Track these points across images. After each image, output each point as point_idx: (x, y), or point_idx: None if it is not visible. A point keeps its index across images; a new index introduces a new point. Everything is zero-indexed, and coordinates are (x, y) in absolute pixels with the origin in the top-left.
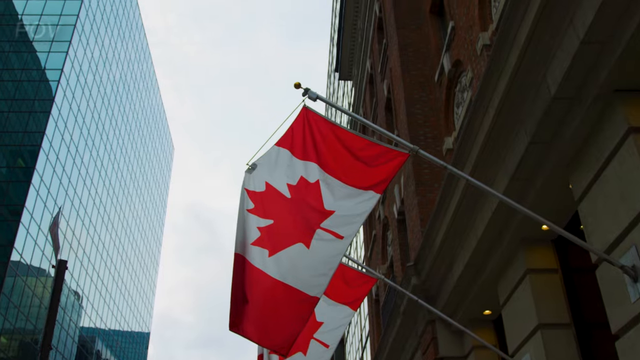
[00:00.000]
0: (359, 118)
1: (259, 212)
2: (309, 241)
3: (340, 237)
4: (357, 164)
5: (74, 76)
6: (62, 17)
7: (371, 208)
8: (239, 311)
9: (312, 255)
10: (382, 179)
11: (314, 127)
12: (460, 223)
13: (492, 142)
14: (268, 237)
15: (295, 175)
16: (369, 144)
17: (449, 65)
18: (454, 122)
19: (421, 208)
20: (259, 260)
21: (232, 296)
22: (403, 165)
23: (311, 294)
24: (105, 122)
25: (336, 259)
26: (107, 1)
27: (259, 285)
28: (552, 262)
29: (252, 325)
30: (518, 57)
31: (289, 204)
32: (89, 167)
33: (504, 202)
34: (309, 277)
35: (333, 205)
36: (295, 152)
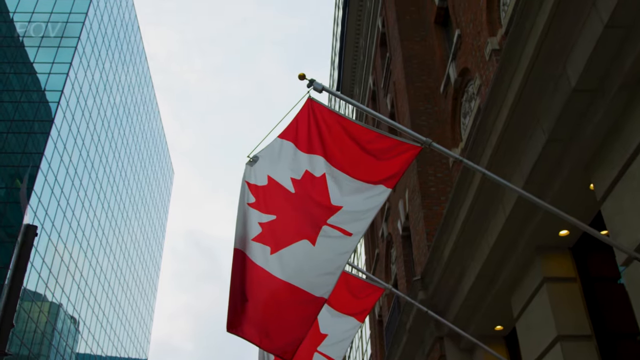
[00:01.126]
0: (369, 110)
1: (260, 206)
2: (315, 238)
3: (349, 233)
4: (366, 157)
5: (74, 98)
6: (63, 39)
7: (381, 203)
8: (238, 311)
9: (318, 252)
10: (393, 172)
11: (319, 118)
12: (470, 232)
13: (506, 143)
14: (270, 234)
15: (299, 170)
16: (379, 137)
17: (455, 74)
18: (460, 133)
19: (427, 221)
20: (261, 258)
21: (231, 295)
22: (409, 179)
23: (317, 294)
24: (105, 145)
25: (344, 257)
26: (108, 24)
27: (260, 284)
28: (570, 271)
29: (253, 326)
30: (535, 47)
31: (293, 199)
32: (87, 189)
33: (525, 198)
34: (315, 276)
35: (340, 200)
36: (300, 145)
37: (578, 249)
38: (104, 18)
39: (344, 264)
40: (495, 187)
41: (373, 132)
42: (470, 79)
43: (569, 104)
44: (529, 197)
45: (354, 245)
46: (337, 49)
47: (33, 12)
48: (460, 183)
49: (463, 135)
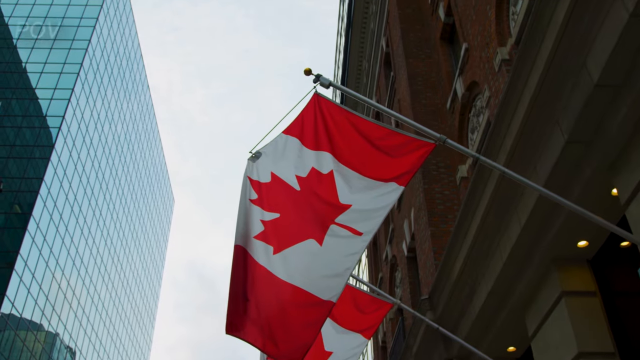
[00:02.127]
0: (377, 105)
1: (263, 204)
2: (322, 237)
3: (359, 233)
4: (377, 154)
5: (75, 124)
6: (65, 66)
7: (393, 201)
8: (239, 311)
9: (326, 253)
10: (406, 170)
11: (326, 114)
12: (482, 246)
13: (522, 146)
14: (273, 233)
15: (305, 167)
16: (390, 133)
17: (463, 89)
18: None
19: (434, 240)
20: (263, 257)
21: (231, 294)
22: (415, 197)
23: (324, 298)
24: (106, 172)
25: (353, 257)
26: (111, 52)
27: (263, 284)
28: (589, 284)
29: (255, 328)
30: (554, 41)
31: (298, 197)
32: (87, 216)
33: (546, 198)
34: (321, 278)
35: (349, 198)
36: (306, 141)
37: (597, 262)
38: (107, 46)
39: (353, 266)
40: (509, 197)
41: (384, 129)
42: (478, 93)
43: (590, 100)
44: (552, 196)
45: (364, 246)
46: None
47: (36, 39)
48: (471, 194)
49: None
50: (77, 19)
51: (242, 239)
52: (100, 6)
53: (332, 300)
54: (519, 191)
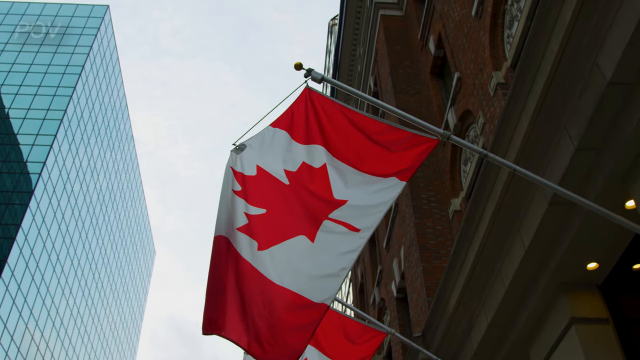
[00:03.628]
0: (376, 101)
1: (247, 197)
2: (314, 233)
3: (356, 229)
4: (375, 148)
5: (57, 171)
6: (49, 112)
7: (394, 197)
8: (219, 306)
9: (318, 250)
10: (407, 166)
11: (318, 108)
12: (481, 274)
13: (527, 156)
14: (259, 228)
15: (295, 162)
16: (389, 128)
17: (455, 119)
18: (460, 182)
19: (427, 276)
20: (247, 252)
21: (210, 288)
22: (405, 235)
23: (316, 301)
24: (86, 221)
25: (350, 256)
26: (96, 100)
27: (248, 280)
28: (601, 311)
29: (239, 325)
30: (562, 40)
31: (287, 191)
32: (64, 265)
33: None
34: (314, 278)
35: (345, 193)
36: (295, 135)
37: (608, 287)
38: (92, 94)
39: (350, 266)
40: (511, 217)
41: (382, 124)
42: (471, 122)
43: (602, 101)
44: (569, 195)
45: (362, 243)
46: None
47: (21, 85)
48: (470, 217)
49: (464, 184)
50: (63, 66)
51: (224, 229)
52: (87, 54)
53: (326, 303)
54: (522, 210)
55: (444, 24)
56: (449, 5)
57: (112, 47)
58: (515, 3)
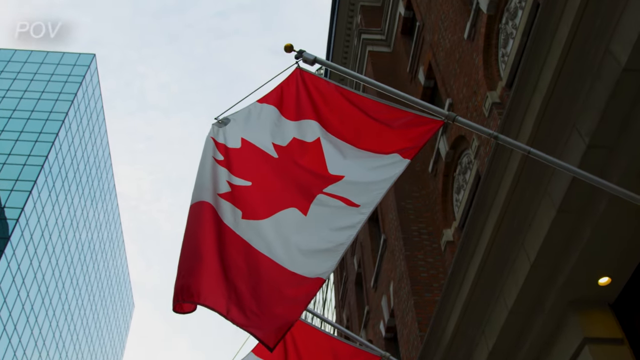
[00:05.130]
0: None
1: (231, 168)
2: (307, 206)
3: (355, 204)
4: (374, 125)
5: (35, 217)
6: (30, 158)
7: (397, 175)
8: (195, 272)
9: (312, 223)
10: (410, 145)
11: (310, 86)
12: (481, 297)
13: (532, 160)
14: (243, 199)
15: (285, 137)
16: (389, 108)
17: (447, 147)
18: (453, 212)
19: (418, 310)
20: (229, 219)
21: (183, 254)
22: (394, 269)
23: (310, 276)
24: (63, 270)
25: (349, 232)
26: (78, 147)
27: (232, 248)
28: (615, 331)
29: (217, 291)
30: (572, 26)
31: (276, 165)
32: (39, 316)
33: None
34: (306, 253)
35: (341, 169)
36: (286, 112)
37: (621, 306)
38: (75, 141)
39: (349, 243)
40: (514, 231)
41: (382, 104)
42: (465, 148)
43: (617, 90)
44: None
45: (362, 220)
46: None
47: (2, 130)
48: (469, 233)
49: (456, 213)
50: (46, 112)
51: (204, 194)
52: (71, 101)
53: (322, 277)
54: (527, 221)
55: (434, 53)
56: (439, 33)
57: (96, 95)
58: (510, 21)
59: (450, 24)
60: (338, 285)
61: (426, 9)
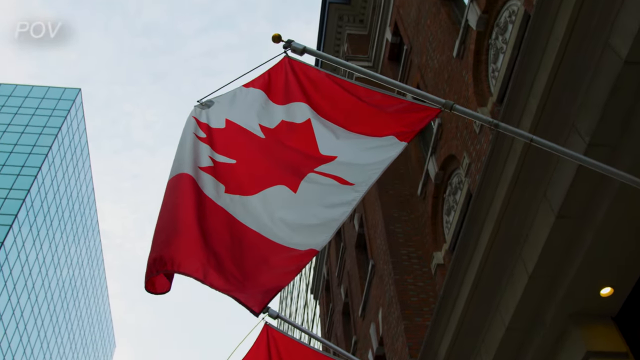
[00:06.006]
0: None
1: (214, 145)
2: (297, 183)
3: (348, 183)
4: (368, 109)
5: (15, 251)
6: (11, 191)
7: (393, 157)
8: (169, 240)
9: (302, 201)
10: (406, 129)
11: (300, 74)
12: (476, 313)
13: (529, 164)
14: (227, 175)
15: (272, 119)
16: (384, 95)
17: (436, 168)
18: (443, 234)
19: (409, 334)
20: (211, 191)
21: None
22: (383, 295)
23: (301, 249)
24: (43, 307)
25: (343, 209)
26: (62, 181)
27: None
28: (619, 344)
29: (194, 258)
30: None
31: (262, 144)
32: (16, 353)
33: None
34: (295, 228)
35: (333, 149)
36: (274, 96)
37: (624, 318)
38: (58, 175)
39: (342, 220)
40: (512, 241)
41: (376, 92)
42: (455, 168)
43: (617, 85)
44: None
45: (357, 198)
46: None
47: None
48: (463, 246)
49: (447, 235)
50: (30, 146)
51: (185, 166)
52: (55, 135)
53: (315, 249)
54: (524, 231)
55: (422, 75)
56: (427, 54)
57: (81, 130)
58: (500, 35)
59: (439, 44)
60: (324, 317)
61: (414, 32)
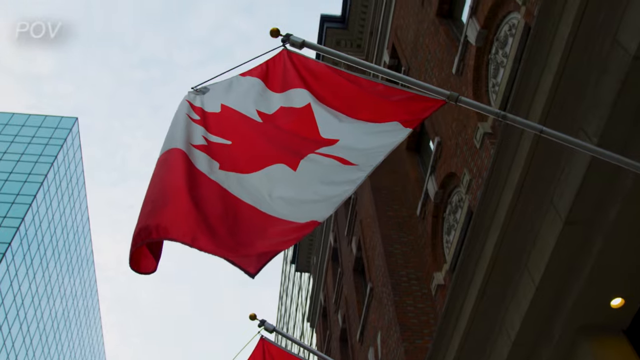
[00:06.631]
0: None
1: (208, 127)
2: (297, 162)
3: (350, 163)
4: (371, 97)
5: (7, 281)
6: (5, 219)
7: (398, 142)
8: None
9: (302, 178)
10: (411, 117)
11: (299, 65)
12: (480, 330)
13: (535, 169)
14: (221, 155)
15: (270, 106)
16: (387, 87)
17: (436, 187)
18: (443, 254)
19: (409, 356)
20: (205, 166)
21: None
22: (382, 318)
23: (302, 221)
24: (34, 337)
25: (346, 187)
26: (57, 210)
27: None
28: (630, 359)
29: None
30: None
31: (260, 128)
32: None
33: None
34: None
35: (335, 132)
36: (272, 85)
37: (636, 332)
38: (53, 204)
39: (346, 196)
40: (518, 251)
41: (378, 83)
42: (455, 186)
43: (627, 81)
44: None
45: (361, 177)
46: None
47: None
48: (467, 258)
49: (447, 256)
50: (25, 174)
51: (176, 142)
52: (51, 164)
53: (317, 220)
54: (530, 239)
55: None
56: (426, 74)
57: (77, 159)
58: (500, 49)
59: (437, 62)
60: (321, 345)
61: (411, 53)
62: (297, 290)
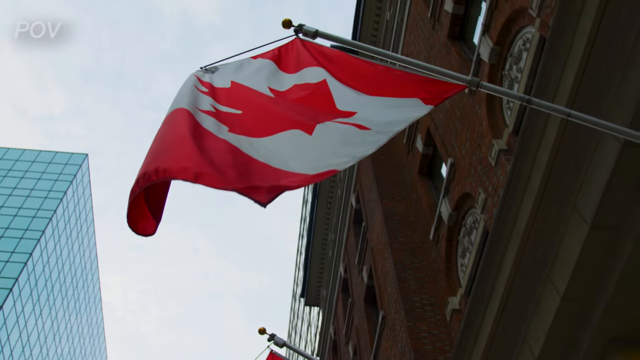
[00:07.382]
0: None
1: (217, 99)
2: (312, 127)
3: (367, 128)
4: (391, 77)
5: (14, 316)
6: (13, 254)
7: (417, 117)
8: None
9: (318, 140)
10: (432, 96)
11: (312, 51)
12: (501, 347)
13: (556, 171)
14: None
15: (283, 84)
16: (405, 72)
17: (450, 209)
18: (458, 278)
19: None
20: (213, 127)
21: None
22: (395, 345)
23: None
24: None
25: (365, 148)
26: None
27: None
28: None
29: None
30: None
31: (272, 100)
32: None
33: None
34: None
35: (352, 105)
36: (284, 67)
37: None
38: (62, 240)
39: (364, 155)
40: (539, 265)
41: (397, 70)
42: (470, 207)
43: None
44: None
45: (380, 140)
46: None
47: None
48: (486, 268)
49: (462, 280)
50: (34, 209)
51: (183, 104)
52: (60, 199)
53: (337, 169)
54: (553, 249)
55: (432, 118)
56: None
57: (87, 195)
58: (514, 65)
59: None
60: None
61: None
62: (305, 327)
